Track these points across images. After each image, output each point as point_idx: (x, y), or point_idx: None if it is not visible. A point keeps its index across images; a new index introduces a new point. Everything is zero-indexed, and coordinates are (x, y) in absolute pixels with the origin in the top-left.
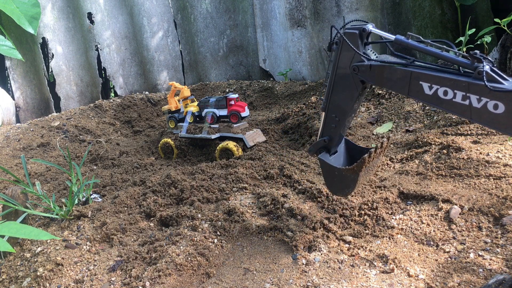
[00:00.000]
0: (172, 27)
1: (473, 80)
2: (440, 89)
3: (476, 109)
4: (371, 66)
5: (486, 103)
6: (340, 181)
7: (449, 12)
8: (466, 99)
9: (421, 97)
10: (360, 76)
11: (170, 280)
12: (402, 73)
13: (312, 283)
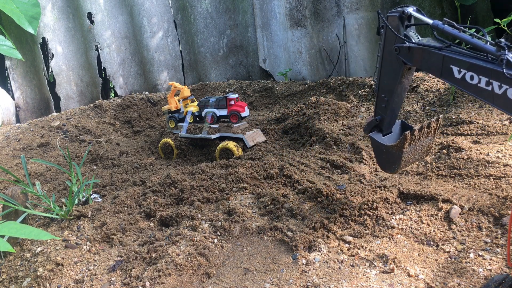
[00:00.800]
0: (172, 27)
1: (495, 67)
2: (467, 73)
3: (497, 95)
4: (410, 48)
5: (506, 90)
6: (387, 158)
7: (449, 12)
8: (489, 84)
9: (452, 80)
10: (401, 57)
11: (170, 280)
12: (436, 56)
13: (312, 283)
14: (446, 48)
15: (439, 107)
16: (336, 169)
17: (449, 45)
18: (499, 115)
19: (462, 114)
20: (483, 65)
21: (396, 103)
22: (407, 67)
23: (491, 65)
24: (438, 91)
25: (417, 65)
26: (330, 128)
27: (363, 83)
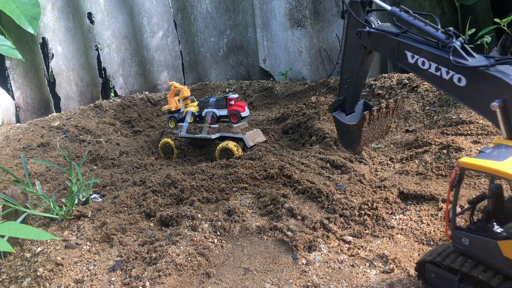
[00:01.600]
0: (172, 27)
1: (443, 53)
2: (419, 59)
3: (445, 80)
4: (369, 32)
5: (452, 75)
6: (348, 136)
7: (449, 12)
8: (438, 70)
9: (406, 64)
10: (362, 41)
11: (170, 280)
12: (392, 41)
13: (312, 283)
14: (402, 34)
15: (439, 107)
16: (336, 169)
17: (405, 31)
18: None
19: (462, 114)
20: (433, 51)
21: (358, 85)
22: (367, 50)
23: (440, 52)
24: (438, 91)
25: (376, 49)
26: (330, 128)
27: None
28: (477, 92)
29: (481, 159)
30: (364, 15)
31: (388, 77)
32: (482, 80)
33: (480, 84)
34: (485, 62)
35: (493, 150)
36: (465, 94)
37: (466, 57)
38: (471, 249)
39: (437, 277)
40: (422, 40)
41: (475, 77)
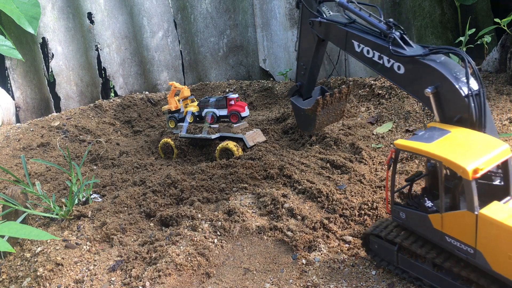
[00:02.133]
0: (172, 27)
1: (384, 43)
2: (365, 48)
3: (387, 68)
4: (321, 22)
5: (393, 64)
6: (304, 119)
7: (449, 12)
8: (381, 58)
9: (353, 53)
10: (314, 30)
11: (170, 280)
12: (341, 31)
13: (312, 283)
14: (349, 25)
15: None
16: (336, 169)
17: (353, 21)
18: (499, 115)
19: None
20: (376, 41)
21: (314, 71)
22: (320, 39)
23: (381, 41)
24: None
25: (327, 37)
26: (330, 128)
27: (363, 83)
28: (414, 79)
29: (413, 141)
30: (316, 6)
31: None
32: (417, 68)
33: (416, 72)
34: (420, 52)
35: (425, 133)
36: (404, 81)
37: (404, 46)
38: (407, 222)
39: (379, 248)
40: (367, 31)
41: (411, 65)
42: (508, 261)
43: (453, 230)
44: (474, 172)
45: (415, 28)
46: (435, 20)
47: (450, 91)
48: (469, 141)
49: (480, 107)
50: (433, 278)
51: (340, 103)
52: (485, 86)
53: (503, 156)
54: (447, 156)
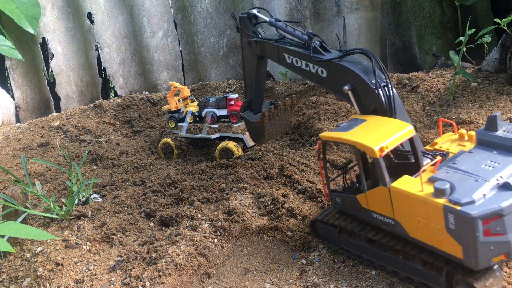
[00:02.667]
0: (172, 27)
1: (307, 52)
2: (294, 58)
3: (313, 73)
4: (256, 41)
5: (317, 69)
6: (255, 131)
7: (449, 12)
8: (308, 66)
9: (286, 65)
10: (253, 49)
11: (170, 280)
12: (273, 47)
13: (312, 283)
14: (280, 40)
15: (439, 107)
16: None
17: (283, 37)
18: None
19: (462, 114)
20: (301, 51)
21: (260, 86)
22: (259, 57)
23: (305, 51)
24: (438, 91)
25: (264, 54)
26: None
27: None
28: (334, 79)
29: (335, 131)
30: (252, 28)
31: None
32: (336, 70)
33: (335, 73)
34: (336, 55)
35: (346, 124)
36: (328, 82)
37: (324, 53)
38: (342, 206)
39: (325, 231)
40: (294, 43)
41: (331, 68)
42: (419, 225)
43: (376, 206)
44: (380, 150)
45: (415, 28)
46: (435, 20)
47: (362, 85)
48: (379, 126)
49: (388, 96)
50: (369, 252)
51: (286, 115)
52: (485, 86)
53: (407, 135)
54: (359, 140)
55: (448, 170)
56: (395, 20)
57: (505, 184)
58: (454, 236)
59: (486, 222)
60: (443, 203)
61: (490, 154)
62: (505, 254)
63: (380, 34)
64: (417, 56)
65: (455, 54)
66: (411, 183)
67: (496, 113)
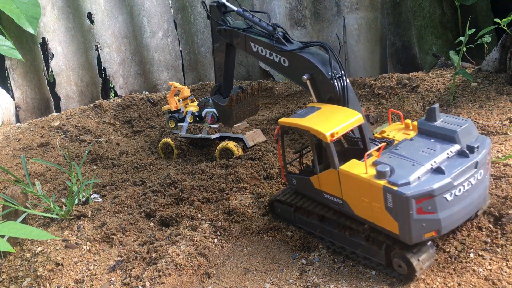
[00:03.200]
0: (172, 27)
1: (271, 42)
2: (259, 47)
3: (276, 62)
4: (225, 29)
5: (279, 58)
6: (224, 114)
7: (449, 12)
8: (271, 55)
9: (252, 53)
10: (222, 37)
11: (170, 280)
12: (240, 35)
13: (312, 283)
14: (247, 29)
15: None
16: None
17: (250, 26)
18: (499, 115)
19: (462, 114)
20: (265, 41)
21: (228, 72)
22: (228, 44)
23: (269, 41)
24: (438, 91)
25: (232, 42)
26: None
27: (363, 83)
28: (295, 69)
29: (292, 117)
30: (221, 16)
31: (388, 77)
32: (296, 60)
33: (296, 63)
34: (297, 47)
35: (303, 111)
36: (289, 71)
37: (286, 43)
38: (298, 187)
39: (281, 211)
40: (260, 33)
41: (291, 58)
42: (363, 204)
43: (327, 187)
44: (331, 136)
45: (415, 28)
46: (435, 20)
47: (320, 76)
48: (332, 114)
49: (342, 87)
50: (321, 230)
51: (253, 99)
52: (485, 86)
53: (356, 123)
54: (312, 126)
55: (390, 155)
56: (395, 20)
57: (437, 168)
58: (391, 214)
59: (419, 202)
60: (383, 184)
61: (428, 142)
62: (436, 231)
63: (380, 34)
64: (417, 56)
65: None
66: (357, 166)
67: (435, 105)
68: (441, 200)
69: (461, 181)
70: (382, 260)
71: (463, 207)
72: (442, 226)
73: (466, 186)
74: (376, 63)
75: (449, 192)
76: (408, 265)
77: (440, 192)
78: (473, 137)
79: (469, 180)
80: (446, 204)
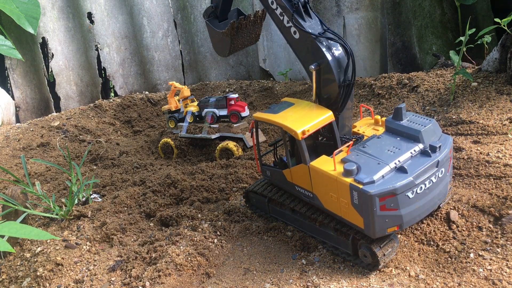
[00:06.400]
0: (172, 27)
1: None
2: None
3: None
4: None
5: (290, 26)
6: (220, 42)
7: (449, 11)
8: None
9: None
10: None
11: (170, 280)
12: None
13: (312, 283)
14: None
15: (439, 107)
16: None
17: None
18: (499, 115)
19: (462, 114)
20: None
21: None
22: None
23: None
24: (438, 91)
25: None
26: None
27: (363, 83)
28: (304, 50)
29: (266, 113)
30: None
31: (388, 77)
32: (310, 44)
33: (308, 45)
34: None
35: (276, 106)
36: (296, 46)
37: (305, 17)
38: (271, 178)
39: (256, 201)
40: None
41: (305, 38)
42: (331, 199)
43: (298, 180)
44: (302, 133)
45: (415, 28)
46: (435, 20)
47: (329, 76)
48: (304, 110)
49: (346, 96)
50: (292, 220)
51: (254, 27)
52: (485, 86)
53: (327, 121)
54: (285, 123)
55: (358, 152)
56: (395, 20)
57: (401, 167)
58: (357, 209)
59: (382, 199)
60: (350, 182)
61: (394, 140)
62: (398, 226)
63: (380, 34)
64: (417, 56)
65: (455, 54)
66: (327, 163)
67: (401, 104)
68: (403, 197)
69: (423, 179)
70: (349, 250)
71: (424, 203)
72: (404, 221)
73: (427, 184)
74: (376, 63)
75: (411, 190)
76: (372, 255)
77: (402, 191)
78: (436, 136)
79: (431, 178)
80: (408, 201)
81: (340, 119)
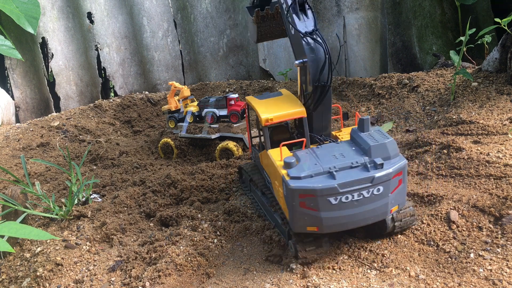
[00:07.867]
0: (172, 27)
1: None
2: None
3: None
4: None
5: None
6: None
7: (450, 11)
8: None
9: None
10: None
11: (170, 280)
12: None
13: (312, 283)
14: None
15: (439, 107)
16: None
17: None
18: (499, 115)
19: (463, 114)
20: None
21: None
22: None
23: None
24: (438, 91)
25: None
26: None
27: (363, 83)
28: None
29: (255, 97)
30: None
31: (388, 77)
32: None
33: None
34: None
35: (271, 93)
36: (291, 41)
37: (300, 14)
38: (255, 160)
39: (244, 178)
40: None
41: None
42: (276, 187)
43: (265, 165)
44: (266, 120)
45: (415, 28)
46: (435, 20)
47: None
48: (282, 102)
49: (321, 96)
50: (260, 202)
51: (278, 23)
52: (486, 86)
53: (295, 115)
54: (258, 109)
55: (309, 151)
56: (395, 20)
57: (331, 173)
58: (286, 201)
59: (302, 196)
60: (283, 173)
61: (347, 149)
62: (317, 227)
63: (380, 34)
64: (417, 56)
65: (456, 54)
66: (279, 153)
67: (365, 117)
68: (324, 201)
69: (350, 190)
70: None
71: (350, 214)
72: (324, 224)
73: (355, 196)
74: (376, 63)
75: (334, 197)
76: (295, 249)
77: (323, 194)
78: (388, 155)
79: (361, 192)
80: (330, 206)
81: (316, 119)
